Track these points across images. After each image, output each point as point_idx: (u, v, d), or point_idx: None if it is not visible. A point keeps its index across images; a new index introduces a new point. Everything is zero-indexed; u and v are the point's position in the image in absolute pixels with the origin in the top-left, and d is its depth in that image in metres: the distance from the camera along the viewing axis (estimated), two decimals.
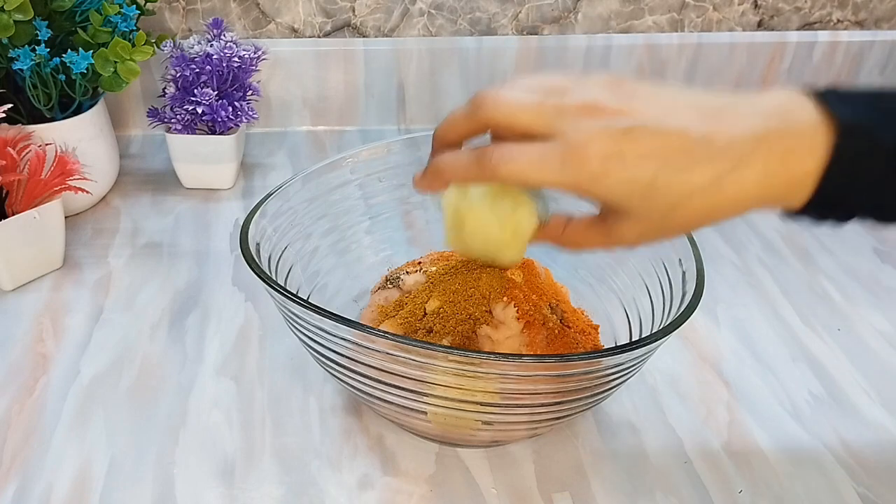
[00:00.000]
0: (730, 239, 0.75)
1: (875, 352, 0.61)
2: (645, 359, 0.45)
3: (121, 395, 0.54)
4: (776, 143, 0.35)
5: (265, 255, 0.49)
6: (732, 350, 0.61)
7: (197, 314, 0.62)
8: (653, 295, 0.51)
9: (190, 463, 0.49)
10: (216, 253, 0.70)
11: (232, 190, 0.80)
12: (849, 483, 0.50)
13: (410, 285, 0.54)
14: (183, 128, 0.76)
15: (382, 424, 0.53)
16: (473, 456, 0.51)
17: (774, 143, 0.35)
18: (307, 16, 0.88)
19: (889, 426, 0.55)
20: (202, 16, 0.86)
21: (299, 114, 0.91)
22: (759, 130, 0.35)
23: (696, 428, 0.54)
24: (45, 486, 0.48)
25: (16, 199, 0.63)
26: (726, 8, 0.94)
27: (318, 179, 0.56)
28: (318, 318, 0.42)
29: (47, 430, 0.51)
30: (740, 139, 0.35)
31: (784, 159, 0.35)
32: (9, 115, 0.64)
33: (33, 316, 0.61)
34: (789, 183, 0.36)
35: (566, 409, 0.45)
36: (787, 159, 0.35)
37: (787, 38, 0.95)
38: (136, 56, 0.67)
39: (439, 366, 0.41)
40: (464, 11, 0.90)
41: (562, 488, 0.49)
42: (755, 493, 0.49)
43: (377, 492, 0.48)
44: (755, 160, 0.35)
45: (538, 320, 0.49)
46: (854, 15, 0.98)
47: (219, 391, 0.55)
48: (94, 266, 0.67)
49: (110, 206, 0.76)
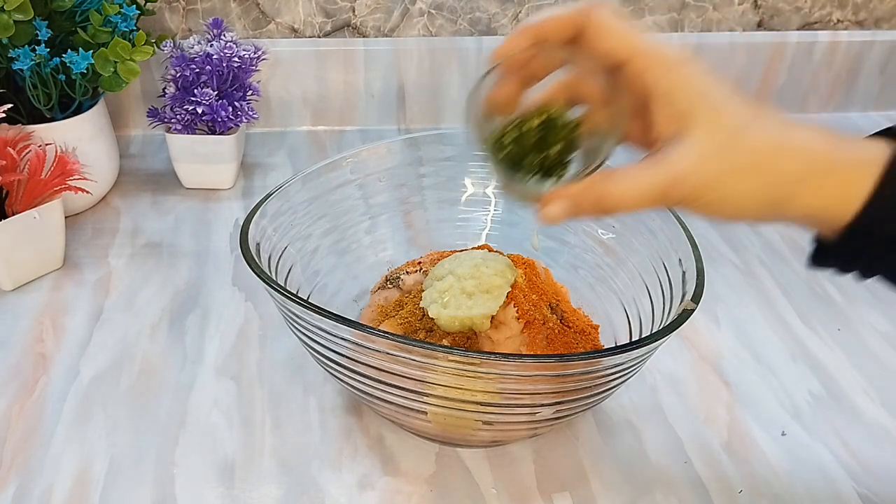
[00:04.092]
0: (730, 239, 0.75)
1: (875, 352, 0.61)
2: (645, 359, 0.45)
3: (121, 395, 0.54)
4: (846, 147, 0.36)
5: (265, 255, 0.49)
6: (732, 350, 0.61)
7: (197, 314, 0.62)
8: (653, 295, 0.51)
9: (190, 463, 0.49)
10: (216, 253, 0.70)
11: (232, 190, 0.80)
12: (849, 483, 0.50)
13: (410, 285, 0.54)
14: (183, 128, 0.76)
15: (382, 424, 0.53)
16: (473, 456, 0.51)
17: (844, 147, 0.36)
18: (307, 16, 0.88)
19: (889, 426, 0.55)
20: (202, 16, 0.86)
21: (299, 114, 0.91)
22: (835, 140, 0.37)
23: (696, 428, 0.54)
24: (45, 486, 0.48)
25: (16, 199, 0.63)
26: (726, 8, 0.94)
27: (318, 179, 0.56)
28: (318, 318, 0.42)
29: (47, 430, 0.51)
30: (817, 138, 0.36)
31: (849, 141, 0.36)
32: (9, 115, 0.64)
33: (33, 316, 0.61)
34: (852, 162, 0.36)
35: (566, 409, 0.45)
36: (852, 142, 0.36)
37: (787, 38, 0.95)
38: (136, 56, 0.67)
39: (439, 366, 0.41)
40: (464, 11, 0.90)
41: (562, 488, 0.49)
42: (755, 493, 0.49)
43: (377, 492, 0.48)
44: (821, 131, 0.36)
45: (538, 320, 0.49)
46: (854, 15, 0.98)
47: (219, 391, 0.55)
48: (94, 266, 0.67)
49: (110, 206, 0.76)
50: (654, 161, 0.37)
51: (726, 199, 0.36)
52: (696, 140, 0.36)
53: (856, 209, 0.36)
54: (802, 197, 0.36)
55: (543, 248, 0.60)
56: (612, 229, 0.57)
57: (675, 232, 0.50)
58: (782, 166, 0.36)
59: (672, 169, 0.36)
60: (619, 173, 0.37)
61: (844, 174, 0.36)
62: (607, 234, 0.57)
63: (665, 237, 0.51)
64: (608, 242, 0.57)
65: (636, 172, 0.37)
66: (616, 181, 0.37)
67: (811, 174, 0.36)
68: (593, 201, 0.38)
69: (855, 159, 0.36)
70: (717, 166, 0.36)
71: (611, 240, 0.57)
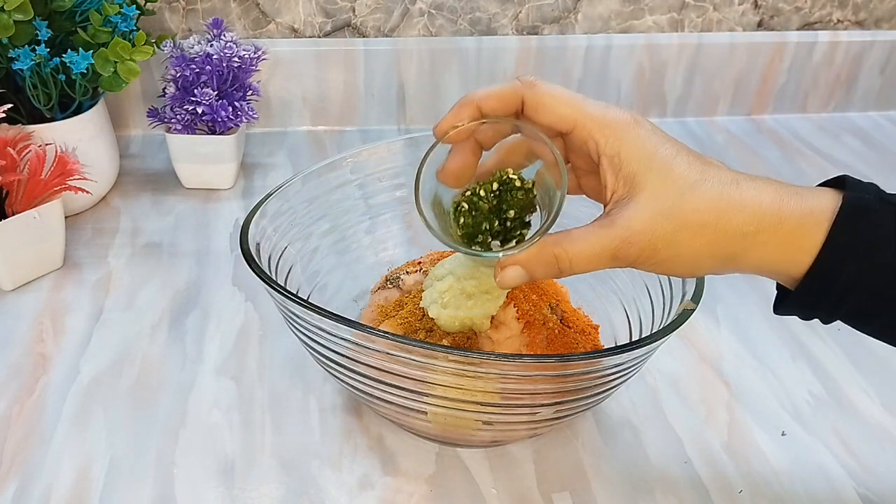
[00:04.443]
0: None
1: (875, 352, 0.61)
2: (645, 359, 0.45)
3: (121, 395, 0.54)
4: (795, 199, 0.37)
5: (265, 255, 0.49)
6: (732, 350, 0.61)
7: (197, 314, 0.62)
8: (653, 295, 0.51)
9: (190, 463, 0.49)
10: (216, 253, 0.70)
11: (232, 190, 0.80)
12: (849, 483, 0.50)
13: (410, 285, 0.54)
14: (183, 128, 0.76)
15: (382, 424, 0.53)
16: (473, 456, 0.51)
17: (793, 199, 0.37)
18: (307, 16, 0.88)
19: (889, 426, 0.55)
20: (202, 16, 0.86)
21: (299, 114, 0.91)
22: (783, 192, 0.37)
23: (696, 428, 0.54)
24: (45, 486, 0.48)
25: (16, 199, 0.63)
26: (726, 8, 0.94)
27: (318, 179, 0.56)
28: (318, 318, 0.42)
29: (47, 430, 0.51)
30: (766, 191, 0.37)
31: (798, 193, 0.37)
32: (9, 115, 0.64)
33: (33, 316, 0.61)
34: (803, 211, 0.37)
35: (566, 409, 0.45)
36: (800, 192, 0.37)
37: (787, 38, 0.95)
38: (136, 56, 0.67)
39: (439, 366, 0.41)
40: (464, 11, 0.90)
41: (562, 488, 0.49)
42: (755, 493, 0.49)
43: (377, 492, 0.48)
44: (772, 183, 0.37)
45: (538, 320, 0.49)
46: (854, 15, 0.98)
47: (219, 391, 0.55)
48: (94, 266, 0.67)
49: (110, 206, 0.76)
50: (604, 223, 0.38)
51: (679, 258, 0.37)
52: (643, 203, 0.37)
53: (809, 260, 0.36)
54: (755, 250, 0.37)
55: None
56: None
57: None
58: (730, 223, 0.36)
59: (621, 232, 0.37)
60: (571, 236, 0.38)
61: (795, 226, 0.36)
62: None
63: None
64: None
65: (587, 236, 0.38)
66: (567, 245, 0.38)
67: (760, 229, 0.36)
68: (545, 265, 0.38)
69: (804, 211, 0.36)
70: (665, 227, 0.36)
71: None
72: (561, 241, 0.38)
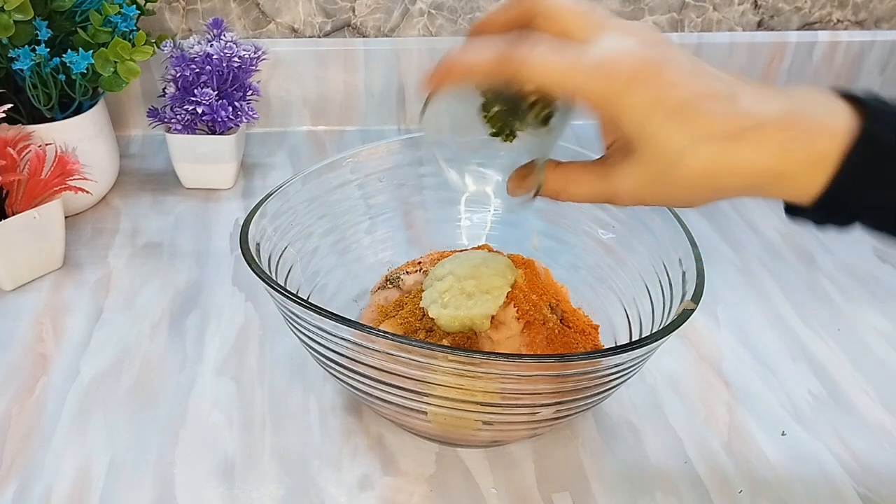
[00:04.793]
0: (730, 239, 0.75)
1: (875, 352, 0.61)
2: (645, 359, 0.45)
3: (121, 395, 0.54)
4: (800, 118, 0.35)
5: (265, 255, 0.49)
6: (732, 350, 0.61)
7: (197, 314, 0.62)
8: (653, 295, 0.51)
9: (190, 463, 0.49)
10: (216, 253, 0.70)
11: (232, 190, 0.80)
12: (849, 483, 0.50)
13: (410, 285, 0.54)
14: (183, 128, 0.76)
15: (382, 424, 0.53)
16: (473, 456, 0.51)
17: (798, 118, 0.35)
18: (307, 16, 0.88)
19: (889, 426, 0.55)
20: (202, 16, 0.86)
21: (299, 114, 0.91)
22: (785, 104, 0.35)
23: (696, 428, 0.54)
24: (45, 486, 0.48)
25: (16, 199, 0.63)
26: (726, 8, 0.94)
27: (318, 179, 0.56)
28: (318, 318, 0.42)
29: (47, 430, 0.51)
30: (765, 106, 0.35)
31: (805, 135, 0.35)
32: (9, 115, 0.64)
33: (33, 316, 0.61)
34: (806, 161, 0.35)
35: (566, 409, 0.45)
36: (808, 136, 0.35)
37: (787, 38, 0.95)
38: (136, 56, 0.67)
39: (439, 366, 0.41)
40: (464, 11, 0.90)
41: (562, 488, 0.49)
42: (755, 493, 0.49)
43: (377, 492, 0.48)
44: (775, 128, 0.35)
45: (538, 320, 0.49)
46: (854, 15, 0.98)
47: (219, 391, 0.55)
48: (94, 266, 0.67)
49: (110, 206, 0.76)
50: (599, 173, 0.39)
51: (673, 203, 0.39)
52: (633, 166, 0.37)
53: (815, 193, 0.36)
54: (753, 193, 0.37)
55: (543, 248, 0.60)
56: (612, 229, 0.57)
57: (675, 232, 0.50)
58: (722, 185, 0.36)
59: (611, 186, 0.39)
60: (572, 176, 0.40)
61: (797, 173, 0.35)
62: (607, 234, 0.57)
63: (665, 237, 0.51)
64: (608, 242, 0.57)
65: (585, 179, 0.40)
66: (568, 185, 0.41)
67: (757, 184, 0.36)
68: (550, 194, 0.42)
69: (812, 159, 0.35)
70: (653, 191, 0.37)
71: (611, 240, 0.57)
72: (564, 178, 0.41)
